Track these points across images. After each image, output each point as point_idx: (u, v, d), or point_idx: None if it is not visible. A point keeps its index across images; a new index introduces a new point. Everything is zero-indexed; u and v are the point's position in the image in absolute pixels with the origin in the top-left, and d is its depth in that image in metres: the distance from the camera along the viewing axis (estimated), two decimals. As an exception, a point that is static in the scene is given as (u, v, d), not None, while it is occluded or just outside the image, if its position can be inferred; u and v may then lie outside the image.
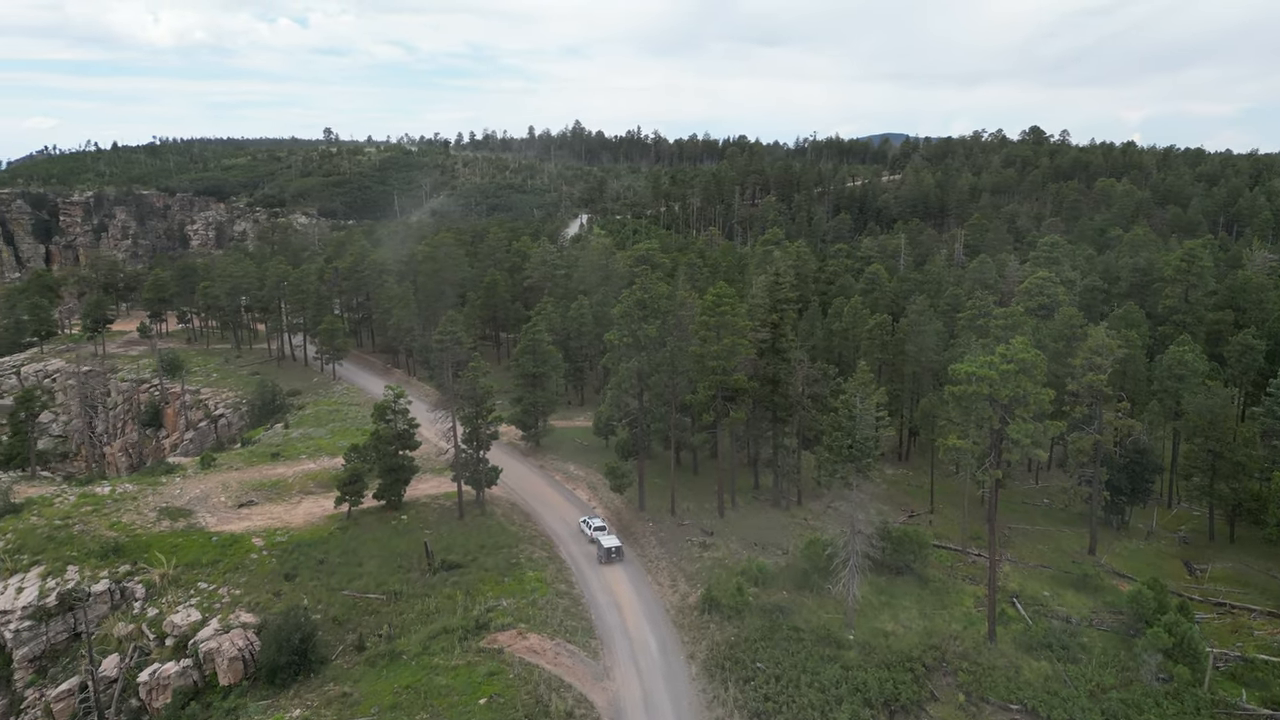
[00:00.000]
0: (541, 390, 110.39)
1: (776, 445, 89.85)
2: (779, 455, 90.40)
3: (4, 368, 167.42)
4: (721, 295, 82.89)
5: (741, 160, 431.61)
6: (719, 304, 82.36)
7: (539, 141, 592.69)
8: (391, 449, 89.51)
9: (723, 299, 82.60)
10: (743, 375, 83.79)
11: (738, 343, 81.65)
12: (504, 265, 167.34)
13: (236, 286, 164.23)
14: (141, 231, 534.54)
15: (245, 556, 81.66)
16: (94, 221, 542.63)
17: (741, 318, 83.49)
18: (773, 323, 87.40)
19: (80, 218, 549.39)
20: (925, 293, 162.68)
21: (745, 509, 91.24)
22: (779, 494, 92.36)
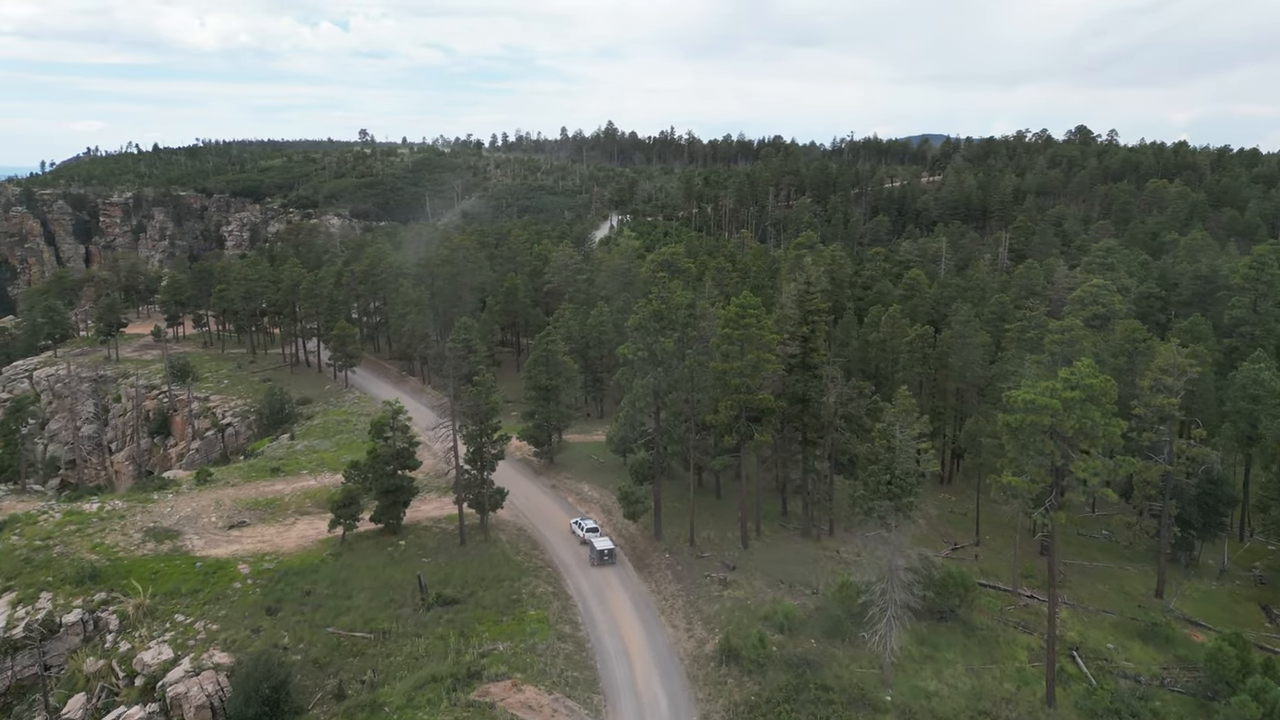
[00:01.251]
0: (555, 404, 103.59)
1: (806, 469, 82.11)
2: (809, 480, 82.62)
3: (17, 371, 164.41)
4: (746, 306, 75.35)
5: (776, 160, 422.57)
6: (743, 316, 74.83)
7: (571, 143, 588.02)
8: (389, 469, 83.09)
9: (747, 310, 75.06)
10: (769, 394, 76.17)
11: (763, 358, 74.08)
12: (525, 269, 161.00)
13: (251, 290, 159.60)
14: (179, 233, 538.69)
15: (228, 586, 75.66)
16: (133, 222, 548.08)
17: (768, 331, 75.88)
18: (803, 336, 79.68)
19: (119, 218, 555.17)
20: (968, 300, 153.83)
21: (771, 539, 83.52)
22: (808, 523, 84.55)
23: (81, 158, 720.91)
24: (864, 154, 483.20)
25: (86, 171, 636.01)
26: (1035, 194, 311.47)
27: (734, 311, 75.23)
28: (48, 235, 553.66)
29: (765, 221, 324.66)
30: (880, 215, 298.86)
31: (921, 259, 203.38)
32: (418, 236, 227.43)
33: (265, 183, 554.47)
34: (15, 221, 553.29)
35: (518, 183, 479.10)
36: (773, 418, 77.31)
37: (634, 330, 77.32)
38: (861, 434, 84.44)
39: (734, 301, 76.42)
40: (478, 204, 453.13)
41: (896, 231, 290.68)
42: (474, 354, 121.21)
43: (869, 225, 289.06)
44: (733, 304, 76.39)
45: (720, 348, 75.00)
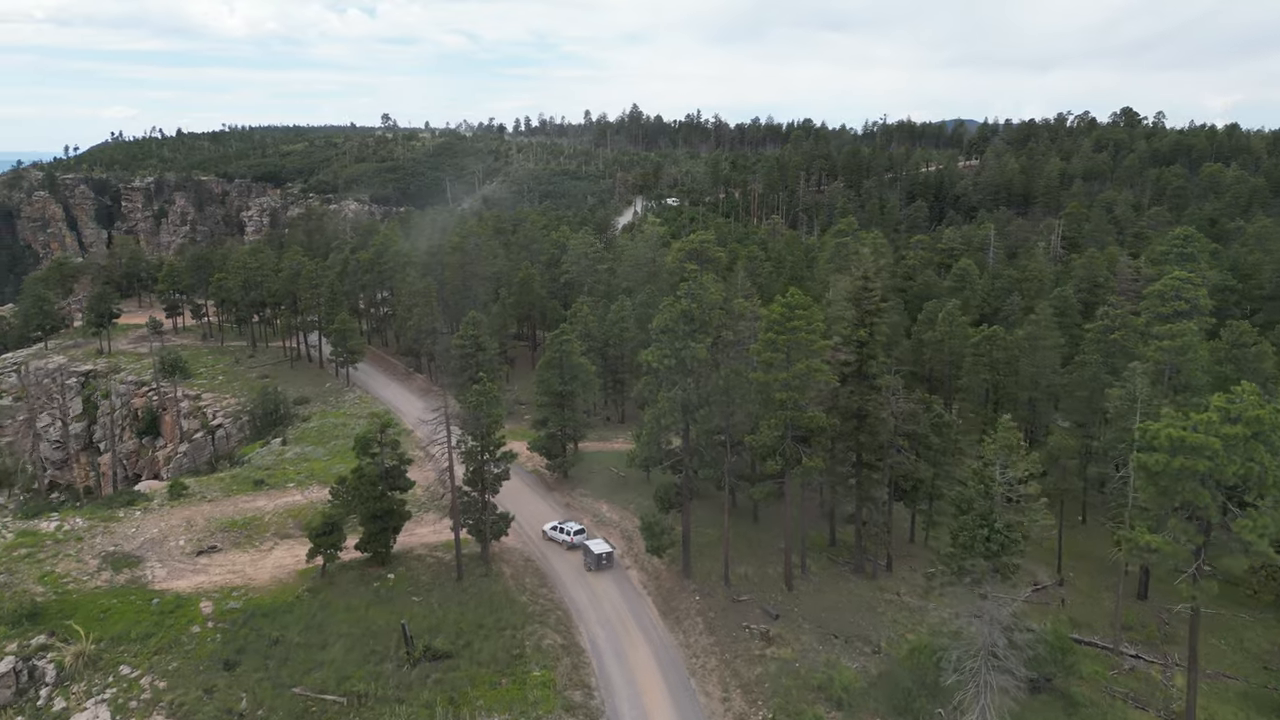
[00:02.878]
0: (570, 411, 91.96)
1: (862, 496, 69.92)
2: (864, 509, 70.43)
3: (5, 364, 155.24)
4: (793, 306, 63.13)
5: (807, 144, 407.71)
6: (790, 317, 62.62)
7: (595, 127, 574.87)
8: (376, 491, 71.81)
9: (795, 311, 62.86)
10: (820, 411, 63.99)
11: (814, 368, 61.88)
12: (542, 257, 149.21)
13: (251, 279, 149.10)
14: (200, 218, 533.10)
15: (186, 630, 64.87)
16: (154, 207, 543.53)
17: (819, 334, 63.59)
18: (859, 340, 67.31)
19: (141, 203, 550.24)
20: (1023, 292, 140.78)
21: (820, 578, 71.45)
22: (862, 557, 72.42)
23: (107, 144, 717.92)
24: (897, 137, 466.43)
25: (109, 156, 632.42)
26: (1082, 178, 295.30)
27: (779, 312, 63.01)
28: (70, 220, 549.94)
29: (796, 208, 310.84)
30: (918, 201, 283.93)
31: (966, 247, 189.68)
32: (432, 222, 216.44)
33: (286, 168, 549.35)
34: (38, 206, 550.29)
35: (540, 167, 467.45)
36: (824, 438, 65.15)
37: (659, 333, 65.35)
38: (926, 455, 72.15)
39: (778, 300, 64.18)
40: (499, 189, 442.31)
41: (935, 218, 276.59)
42: (482, 351, 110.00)
43: (907, 211, 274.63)
44: (777, 303, 64.16)
45: (762, 355, 62.87)
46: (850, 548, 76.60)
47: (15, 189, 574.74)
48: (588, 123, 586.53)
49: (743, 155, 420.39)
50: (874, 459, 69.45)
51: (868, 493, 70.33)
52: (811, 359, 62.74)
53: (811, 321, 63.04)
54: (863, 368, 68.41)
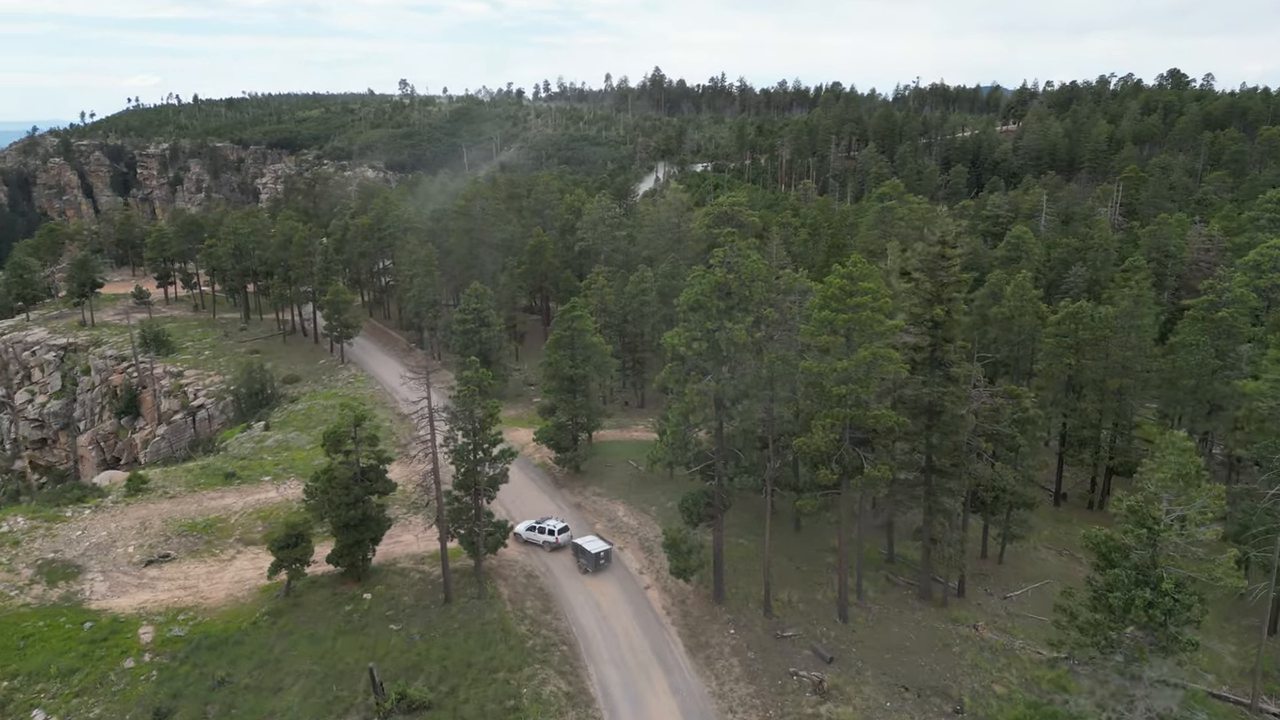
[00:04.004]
0: (583, 397, 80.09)
1: (931, 509, 57.65)
2: (935, 524, 58.22)
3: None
4: (855, 277, 50.61)
5: (836, 108, 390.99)
6: (851, 291, 50.17)
7: (616, 92, 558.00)
8: (349, 496, 60.31)
9: (858, 284, 50.36)
10: (886, 407, 51.65)
11: (882, 355, 49.50)
12: (555, 224, 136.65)
13: (242, 246, 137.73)
14: (215, 185, 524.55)
15: (118, 664, 54.12)
16: (169, 174, 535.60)
17: (884, 314, 51.11)
18: (933, 320, 54.67)
19: (157, 170, 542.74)
20: (1086, 262, 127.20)
21: (879, 605, 59.42)
22: (929, 579, 60.31)
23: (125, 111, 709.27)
24: (930, 101, 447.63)
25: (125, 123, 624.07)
26: (1132, 142, 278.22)
27: (838, 285, 50.51)
28: (86, 187, 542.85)
29: (827, 173, 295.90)
30: (958, 166, 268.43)
31: (1014, 214, 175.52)
32: (442, 187, 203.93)
33: (301, 134, 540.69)
34: (53, 173, 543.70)
35: (559, 133, 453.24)
36: (889, 441, 52.79)
37: (688, 311, 53.04)
38: (1007, 458, 59.69)
39: (837, 270, 51.63)
40: (516, 155, 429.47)
41: (974, 184, 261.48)
42: (486, 327, 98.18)
43: (946, 177, 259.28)
44: (835, 274, 51.63)
45: (817, 338, 50.43)
46: (912, 564, 64.54)
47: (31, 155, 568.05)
48: (608, 88, 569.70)
49: (769, 120, 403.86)
50: (948, 464, 57.08)
51: (939, 504, 58.03)
52: (877, 343, 50.35)
53: (878, 297, 50.51)
54: (936, 353, 55.86)
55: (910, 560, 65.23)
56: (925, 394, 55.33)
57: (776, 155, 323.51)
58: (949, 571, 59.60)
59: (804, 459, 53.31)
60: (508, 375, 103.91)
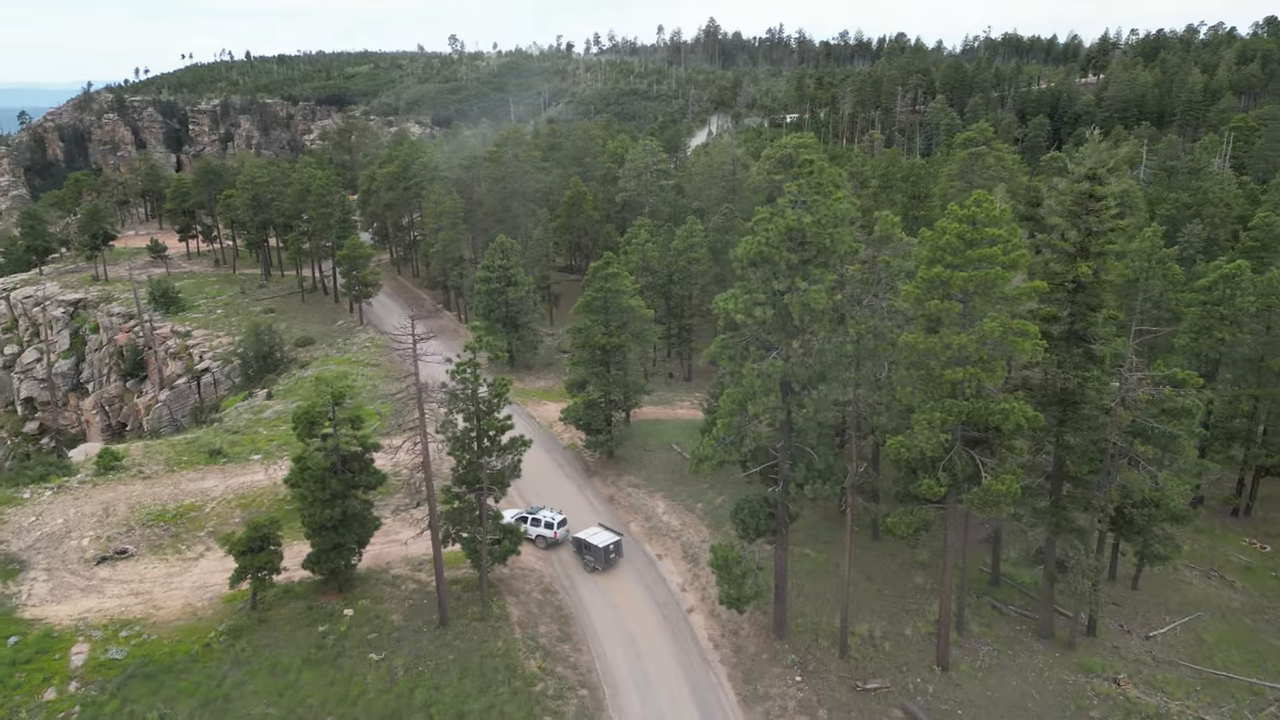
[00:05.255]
0: (619, 370, 67.84)
1: (1058, 526, 44.43)
2: (1062, 545, 45.07)
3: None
4: (979, 220, 37.22)
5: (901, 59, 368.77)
6: (975, 240, 36.83)
7: (669, 46, 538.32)
8: (325, 492, 48.98)
9: (982, 228, 37.00)
10: (1013, 398, 38.40)
11: (1014, 329, 36.24)
12: (596, 173, 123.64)
13: (259, 196, 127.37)
14: (265, 141, 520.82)
15: (36, 695, 43.87)
16: (220, 130, 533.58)
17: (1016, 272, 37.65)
18: (1075, 281, 41.01)
19: (208, 126, 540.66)
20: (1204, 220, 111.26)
21: (987, 644, 46.62)
22: (1051, 612, 47.26)
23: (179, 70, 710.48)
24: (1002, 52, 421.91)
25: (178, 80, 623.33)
26: (1231, 93, 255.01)
27: (955, 232, 37.14)
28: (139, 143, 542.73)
29: (892, 127, 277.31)
30: (1038, 117, 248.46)
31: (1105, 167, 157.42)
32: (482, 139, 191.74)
33: (350, 90, 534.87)
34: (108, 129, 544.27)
35: (608, 87, 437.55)
36: (1017, 443, 39.47)
37: (748, 267, 40.15)
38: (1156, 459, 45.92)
39: (953, 212, 38.21)
40: (564, 109, 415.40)
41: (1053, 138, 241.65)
42: (513, 286, 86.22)
43: (1024, 130, 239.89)
44: (949, 217, 38.23)
45: (925, 304, 37.22)
46: (1024, 589, 51.53)
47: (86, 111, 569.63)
48: (661, 42, 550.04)
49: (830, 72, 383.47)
50: (1085, 470, 43.74)
51: (1068, 519, 44.78)
52: (1008, 312, 37.06)
53: (1010, 248, 37.05)
54: (1076, 325, 42.27)
55: (1022, 584, 52.16)
56: (1059, 379, 41.90)
57: (838, 108, 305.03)
58: (1078, 605, 46.41)
59: (900, 464, 40.37)
60: (538, 342, 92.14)
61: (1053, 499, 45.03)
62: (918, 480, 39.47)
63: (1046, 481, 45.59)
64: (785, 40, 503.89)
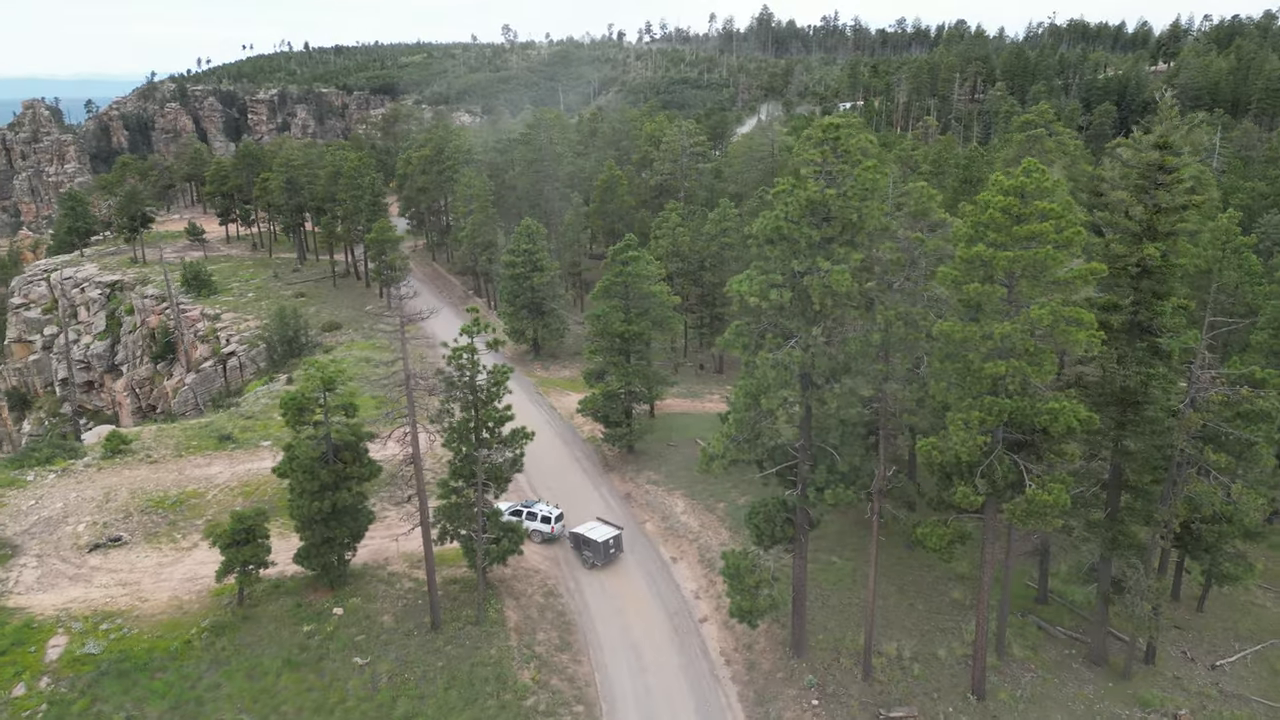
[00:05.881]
0: (640, 360, 63.96)
1: (1113, 543, 39.45)
2: (1117, 561, 40.12)
3: (36, 272, 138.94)
4: (1028, 193, 32.56)
5: (960, 47, 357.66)
6: (1021, 213, 32.20)
7: (721, 35, 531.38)
8: (314, 484, 45.97)
9: (1032, 201, 32.33)
10: (1065, 396, 33.66)
11: (1066, 316, 31.54)
12: (633, 157, 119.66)
13: (294, 179, 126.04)
14: (320, 130, 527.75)
15: (4, 692, 41.56)
16: (278, 119, 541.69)
17: (1071, 252, 32.83)
18: (1139, 265, 36.03)
19: (265, 116, 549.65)
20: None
21: (1031, 668, 41.85)
22: (1104, 636, 42.29)
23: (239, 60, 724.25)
24: (1067, 39, 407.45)
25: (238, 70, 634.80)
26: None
27: (1000, 205, 32.49)
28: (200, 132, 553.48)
29: (948, 115, 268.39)
30: (1105, 105, 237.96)
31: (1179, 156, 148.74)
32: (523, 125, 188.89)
33: (403, 80, 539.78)
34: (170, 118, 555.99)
35: (658, 75, 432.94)
36: (1070, 448, 34.67)
37: (765, 244, 35.92)
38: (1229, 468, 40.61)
39: (997, 181, 33.56)
40: (614, 98, 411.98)
41: (1120, 126, 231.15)
42: (539, 271, 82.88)
43: (1089, 117, 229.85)
44: (993, 189, 33.59)
45: (966, 287, 32.61)
46: (1075, 609, 46.53)
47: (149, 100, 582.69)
48: (713, 31, 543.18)
49: (885, 60, 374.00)
50: (1147, 480, 38.70)
51: (1127, 535, 39.76)
52: (1061, 299, 32.35)
53: (1063, 225, 32.28)
54: (1140, 316, 37.23)
55: (1073, 603, 47.14)
56: (1119, 376, 36.93)
57: (892, 96, 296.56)
58: (1136, 629, 41.35)
59: (934, 469, 35.85)
60: (564, 330, 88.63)
61: (1109, 511, 40.04)
62: (952, 487, 34.91)
63: (1102, 491, 40.59)
64: (840, 28, 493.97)
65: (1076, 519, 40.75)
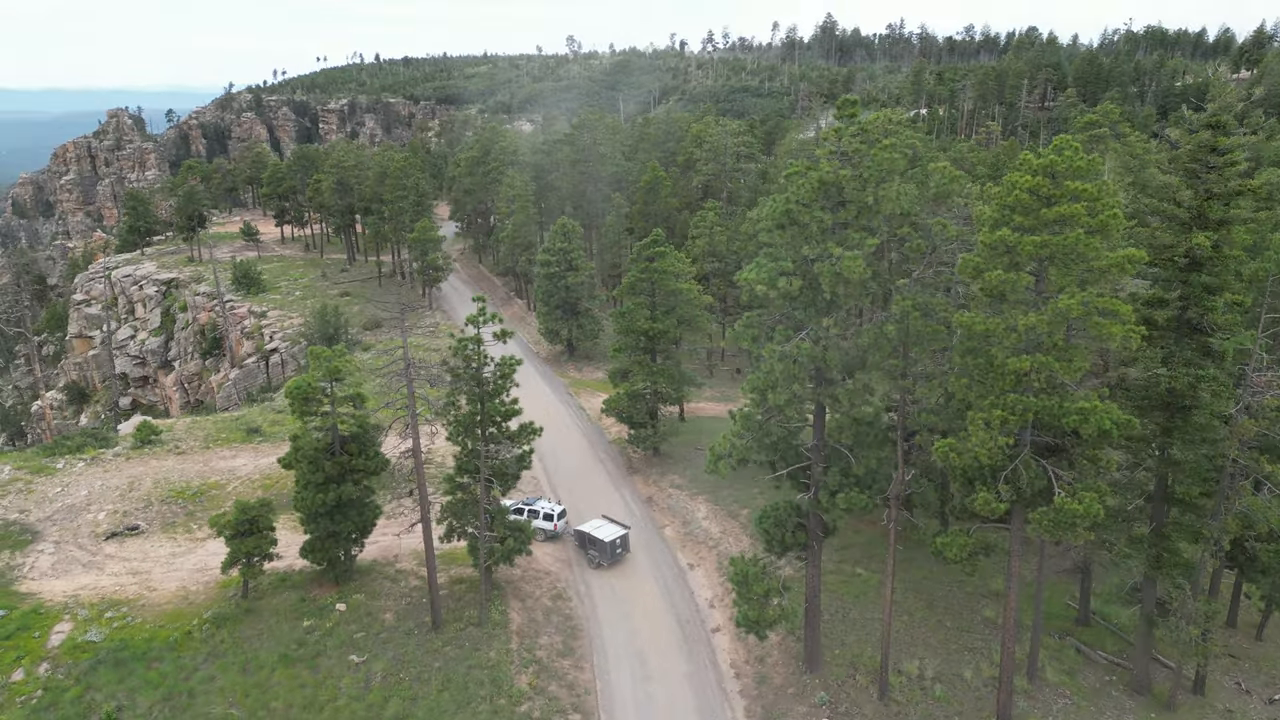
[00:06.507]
0: (668, 360, 61.97)
1: (1159, 559, 36.09)
2: (1162, 581, 36.76)
3: (98, 270, 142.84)
4: (1059, 173, 29.81)
5: (1030, 54, 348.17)
6: (1051, 195, 29.46)
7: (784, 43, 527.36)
8: (318, 476, 45.02)
9: (1063, 182, 29.54)
10: (1097, 395, 30.70)
11: (1101, 308, 28.66)
12: (678, 159, 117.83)
13: (344, 180, 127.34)
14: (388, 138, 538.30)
15: (5, 675, 41.36)
16: (347, 128, 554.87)
17: (1107, 238, 29.90)
18: (1187, 256, 32.88)
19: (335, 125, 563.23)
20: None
21: (1062, 698, 38.63)
22: (1149, 662, 38.83)
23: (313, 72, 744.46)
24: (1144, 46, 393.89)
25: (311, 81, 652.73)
26: None
27: (1027, 185, 29.82)
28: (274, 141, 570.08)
29: (1015, 122, 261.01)
30: (1179, 112, 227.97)
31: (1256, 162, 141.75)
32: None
33: (468, 90, 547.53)
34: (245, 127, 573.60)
35: (719, 84, 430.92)
36: (1102, 454, 31.66)
37: (775, 230, 33.72)
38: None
39: (1026, 160, 30.90)
40: (674, 106, 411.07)
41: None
42: (574, 271, 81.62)
43: (1161, 125, 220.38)
44: (1021, 168, 30.91)
45: (986, 275, 29.94)
46: (1119, 633, 42.97)
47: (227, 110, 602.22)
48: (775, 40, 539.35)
49: (951, 67, 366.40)
50: (1195, 492, 35.32)
51: (1173, 553, 36.36)
52: (1096, 288, 29.49)
53: (1097, 208, 29.43)
54: (1189, 311, 34.01)
55: (1117, 626, 43.59)
56: (1164, 378, 33.76)
57: (957, 104, 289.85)
58: (1182, 655, 37.85)
59: (953, 473, 33.12)
60: (598, 331, 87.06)
61: (1153, 526, 36.71)
62: (975, 493, 32.14)
63: (1146, 504, 37.27)
64: (906, 36, 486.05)
65: (1118, 534, 37.62)
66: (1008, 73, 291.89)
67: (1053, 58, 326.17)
